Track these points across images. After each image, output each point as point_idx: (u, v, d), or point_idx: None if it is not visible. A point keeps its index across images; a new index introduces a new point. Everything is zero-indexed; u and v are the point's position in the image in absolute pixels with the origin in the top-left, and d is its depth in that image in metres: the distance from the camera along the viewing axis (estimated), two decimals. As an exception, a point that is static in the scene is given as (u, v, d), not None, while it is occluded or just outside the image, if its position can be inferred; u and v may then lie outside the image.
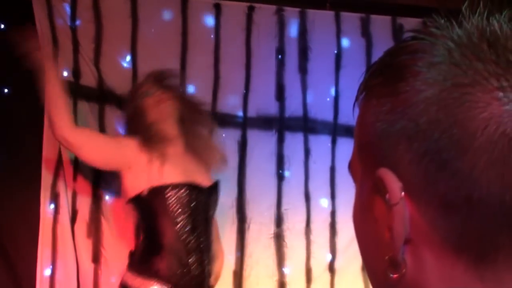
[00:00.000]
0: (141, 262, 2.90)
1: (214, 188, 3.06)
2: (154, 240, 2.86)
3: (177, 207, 2.84)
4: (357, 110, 0.68)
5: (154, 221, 2.87)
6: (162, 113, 2.99)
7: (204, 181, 3.00)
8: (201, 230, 2.90)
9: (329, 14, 3.80)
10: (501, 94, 0.55)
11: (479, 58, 0.56)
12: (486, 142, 0.54)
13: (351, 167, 0.70)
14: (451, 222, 0.57)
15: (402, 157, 0.59)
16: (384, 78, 0.62)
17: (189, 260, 2.84)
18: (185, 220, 2.84)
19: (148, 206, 2.90)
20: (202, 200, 2.93)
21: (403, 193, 0.59)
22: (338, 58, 3.80)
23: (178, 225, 2.83)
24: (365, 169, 0.65)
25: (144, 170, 2.87)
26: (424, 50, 0.59)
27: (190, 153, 3.04)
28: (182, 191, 2.85)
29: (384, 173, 0.60)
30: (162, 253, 2.84)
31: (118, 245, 3.48)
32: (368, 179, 0.63)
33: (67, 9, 3.45)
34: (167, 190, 2.83)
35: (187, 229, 2.84)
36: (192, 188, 2.89)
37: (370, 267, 0.66)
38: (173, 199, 2.84)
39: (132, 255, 3.02)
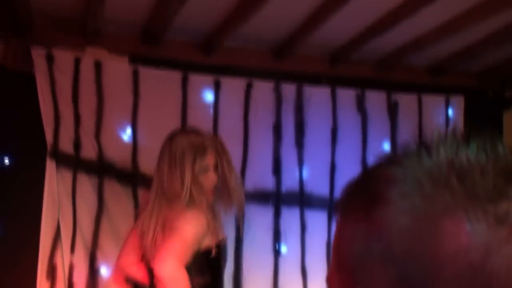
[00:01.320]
0: None
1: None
2: None
3: (223, 262, 2.99)
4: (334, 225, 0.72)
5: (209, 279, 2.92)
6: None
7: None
8: None
9: (325, 90, 3.89)
10: (468, 227, 0.57)
11: (448, 190, 0.59)
12: (454, 272, 0.57)
13: (328, 282, 0.72)
14: None
15: (377, 280, 0.61)
16: (359, 203, 0.65)
17: None
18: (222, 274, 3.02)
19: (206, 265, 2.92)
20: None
21: None
22: (334, 132, 3.87)
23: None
24: (342, 285, 0.68)
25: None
26: (397, 180, 0.62)
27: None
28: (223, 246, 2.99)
29: None
30: None
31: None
32: None
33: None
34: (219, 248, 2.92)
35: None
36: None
37: None
38: (221, 255, 2.96)
39: None
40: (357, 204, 0.66)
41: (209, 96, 3.74)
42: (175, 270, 2.67)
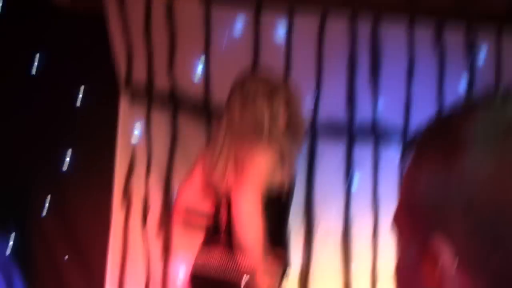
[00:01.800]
0: None
1: None
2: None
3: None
4: (404, 163, 0.70)
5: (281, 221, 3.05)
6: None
7: None
8: None
9: (402, 24, 3.78)
10: None
11: None
12: None
13: (396, 220, 0.70)
14: None
15: (456, 228, 0.60)
16: (439, 147, 0.64)
17: None
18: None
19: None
20: None
21: (456, 262, 0.60)
22: (410, 67, 3.77)
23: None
24: (414, 229, 0.66)
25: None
26: (480, 127, 0.61)
27: None
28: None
29: (439, 242, 0.62)
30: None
31: (188, 245, 3.58)
32: (418, 241, 0.65)
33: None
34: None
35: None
36: None
37: None
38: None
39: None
40: (437, 148, 0.65)
41: (281, 31, 3.69)
42: (255, 203, 2.72)
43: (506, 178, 0.58)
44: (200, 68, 3.64)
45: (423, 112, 3.74)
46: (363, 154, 3.76)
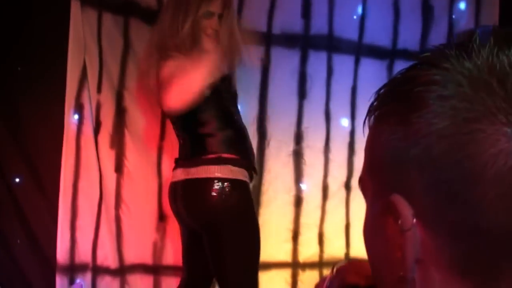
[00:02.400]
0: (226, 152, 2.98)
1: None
2: (225, 132, 2.96)
3: (230, 95, 3.03)
4: (366, 129, 0.71)
5: (220, 112, 2.99)
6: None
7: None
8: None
9: None
10: (509, 130, 0.57)
11: (488, 94, 0.58)
12: (495, 176, 0.57)
13: (361, 183, 0.73)
14: (459, 249, 0.60)
15: (414, 184, 0.62)
16: (396, 106, 0.65)
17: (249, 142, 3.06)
18: (234, 105, 3.06)
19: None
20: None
21: (415, 220, 0.62)
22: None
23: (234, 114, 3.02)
24: (376, 190, 0.68)
25: None
26: (436, 83, 0.61)
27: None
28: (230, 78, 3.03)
29: (397, 200, 0.63)
30: (238, 140, 3.00)
31: (141, 156, 3.58)
32: (380, 201, 0.66)
33: None
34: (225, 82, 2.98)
35: (238, 114, 3.06)
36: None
37: (379, 280, 0.70)
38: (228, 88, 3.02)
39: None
40: (394, 107, 0.65)
41: None
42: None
43: (463, 133, 0.58)
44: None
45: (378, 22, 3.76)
46: (317, 62, 3.76)
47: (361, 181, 0.73)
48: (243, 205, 2.92)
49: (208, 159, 2.86)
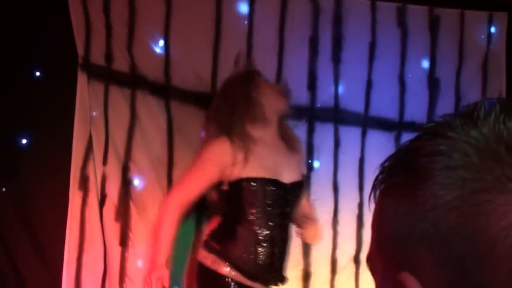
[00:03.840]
0: (216, 243, 3.01)
1: (297, 185, 3.06)
2: (229, 226, 2.98)
3: (252, 199, 2.91)
4: (373, 203, 0.68)
5: (231, 210, 3.00)
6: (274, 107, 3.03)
7: (290, 177, 3.02)
8: (276, 224, 2.95)
9: (365, 3, 3.78)
10: None
11: (497, 162, 0.55)
12: (507, 251, 0.53)
13: (369, 261, 0.69)
14: None
15: (423, 262, 0.59)
16: (402, 179, 0.62)
17: (258, 250, 2.91)
18: (258, 212, 2.91)
19: (227, 196, 3.01)
20: (279, 195, 2.96)
21: None
22: (372, 48, 3.78)
23: (251, 216, 2.91)
24: (385, 268, 0.65)
25: (230, 165, 2.93)
26: (442, 153, 0.58)
27: (282, 149, 3.08)
28: (256, 185, 2.91)
29: (406, 279, 0.59)
30: (235, 240, 2.94)
31: (146, 230, 3.55)
32: (389, 279, 0.63)
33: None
34: (244, 184, 2.91)
35: (259, 221, 2.91)
36: (269, 183, 2.93)
37: None
38: (248, 192, 2.91)
39: (209, 236, 3.10)
40: (399, 180, 0.62)
41: (243, 8, 3.66)
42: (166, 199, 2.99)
43: (472, 206, 0.55)
44: (160, 47, 3.57)
45: (384, 92, 3.78)
46: (324, 134, 3.76)
47: (369, 259, 0.69)
48: None
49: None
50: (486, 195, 0.55)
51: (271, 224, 2.93)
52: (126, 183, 3.56)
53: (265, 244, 2.92)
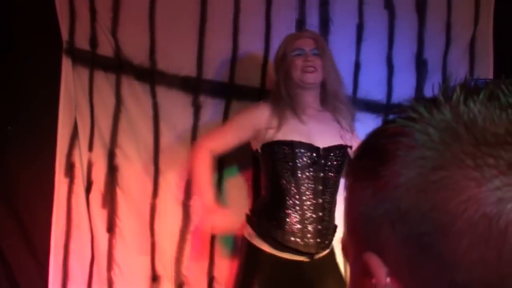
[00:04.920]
0: (253, 215, 3.04)
1: (335, 149, 3.02)
2: (264, 194, 3.03)
3: (283, 163, 2.92)
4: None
5: (266, 175, 3.07)
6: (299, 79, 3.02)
7: (326, 141, 2.99)
8: (309, 188, 2.92)
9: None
10: (477, 174, 0.55)
11: (455, 140, 0.57)
12: (466, 224, 0.55)
13: (343, 248, 0.71)
14: None
15: (386, 241, 0.60)
16: (365, 162, 0.64)
17: (289, 215, 2.90)
18: (289, 176, 2.91)
19: (261, 161, 3.08)
20: (312, 159, 2.93)
21: (388, 279, 0.60)
22: (359, 30, 3.76)
23: (283, 181, 2.91)
24: (355, 251, 0.67)
25: (263, 128, 2.97)
26: (404, 134, 0.60)
27: (322, 115, 3.07)
28: (287, 148, 2.92)
29: (369, 258, 0.62)
30: (267, 207, 2.98)
31: (133, 215, 3.54)
32: (358, 263, 0.65)
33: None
34: (276, 148, 2.93)
35: (290, 185, 2.91)
36: (300, 146, 2.92)
37: None
38: (279, 156, 2.93)
39: (250, 209, 3.14)
40: (364, 163, 0.65)
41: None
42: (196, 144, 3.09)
43: (430, 182, 0.57)
44: (145, 31, 3.54)
45: (372, 74, 3.77)
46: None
47: (343, 246, 0.71)
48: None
49: None
50: (445, 171, 0.56)
51: (303, 188, 2.91)
52: (112, 170, 3.55)
53: (296, 209, 2.90)
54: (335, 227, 3.07)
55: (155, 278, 3.57)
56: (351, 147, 3.07)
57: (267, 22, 3.66)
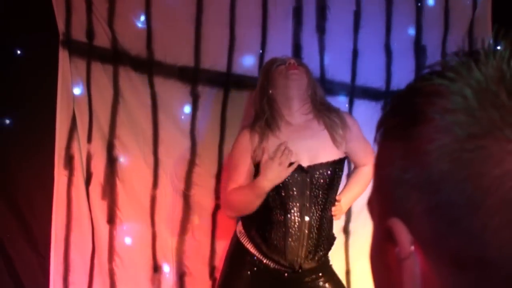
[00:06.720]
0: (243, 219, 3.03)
1: (322, 166, 2.93)
2: (260, 209, 2.90)
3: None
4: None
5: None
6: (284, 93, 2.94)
7: (313, 159, 2.91)
8: (293, 206, 2.86)
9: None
10: None
11: (495, 107, 0.53)
12: (499, 201, 0.52)
13: (369, 204, 0.68)
14: (463, 282, 0.55)
15: (414, 208, 0.57)
16: (398, 120, 0.61)
17: (272, 231, 2.88)
18: (273, 194, 2.86)
19: None
20: (295, 177, 2.86)
21: (412, 247, 0.58)
22: (357, 17, 3.76)
23: (269, 198, 2.86)
24: (380, 212, 0.64)
25: (252, 151, 2.93)
26: (440, 94, 0.57)
27: (312, 130, 2.97)
28: None
29: (395, 224, 0.59)
30: (254, 219, 2.92)
31: (133, 207, 3.56)
32: (383, 224, 0.62)
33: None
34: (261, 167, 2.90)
35: (274, 203, 2.87)
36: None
37: None
38: None
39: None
40: (396, 121, 0.61)
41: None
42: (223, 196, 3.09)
43: (465, 151, 0.53)
44: (141, 21, 3.56)
45: (371, 61, 3.77)
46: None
47: (369, 203, 0.68)
48: None
49: None
50: (480, 140, 0.53)
51: (288, 206, 2.86)
52: (111, 161, 3.57)
53: (280, 225, 2.86)
54: (330, 241, 3.02)
55: (156, 268, 3.60)
56: (345, 158, 3.03)
57: (264, 10, 3.66)
